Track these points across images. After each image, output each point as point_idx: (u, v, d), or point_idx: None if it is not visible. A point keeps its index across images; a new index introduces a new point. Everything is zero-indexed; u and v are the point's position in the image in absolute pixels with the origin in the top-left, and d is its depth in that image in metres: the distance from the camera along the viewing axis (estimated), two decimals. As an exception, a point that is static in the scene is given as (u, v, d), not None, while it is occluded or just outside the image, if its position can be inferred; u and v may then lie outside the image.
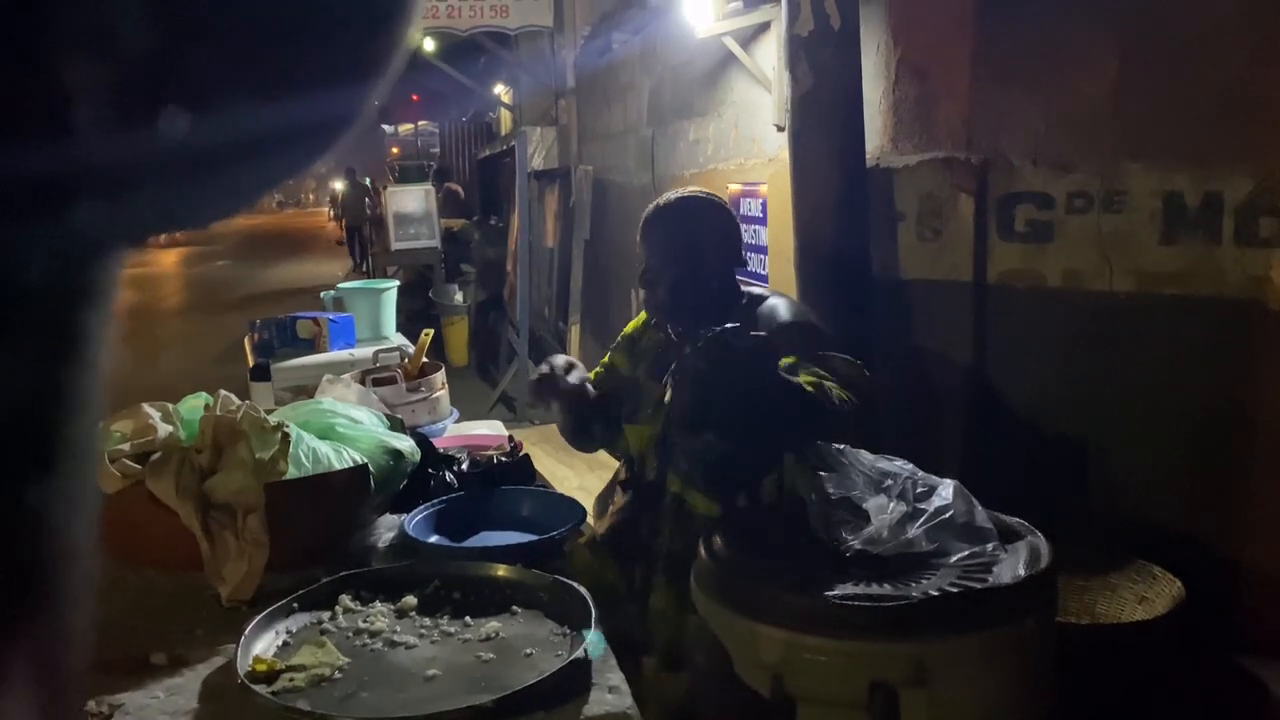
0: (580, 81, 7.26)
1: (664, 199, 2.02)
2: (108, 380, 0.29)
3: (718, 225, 2.00)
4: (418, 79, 14.66)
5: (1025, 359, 2.61)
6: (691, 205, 1.99)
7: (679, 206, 1.99)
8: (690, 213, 1.98)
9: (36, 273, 0.25)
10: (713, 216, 2.00)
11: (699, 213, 1.99)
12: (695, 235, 1.96)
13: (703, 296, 1.96)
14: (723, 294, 1.99)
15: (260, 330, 3.58)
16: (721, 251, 1.99)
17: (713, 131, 4.29)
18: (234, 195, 0.30)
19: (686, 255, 1.95)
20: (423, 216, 9.05)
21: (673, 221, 1.98)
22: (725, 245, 2.00)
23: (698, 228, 1.97)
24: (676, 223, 1.97)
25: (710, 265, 1.97)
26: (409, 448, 1.87)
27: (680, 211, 1.98)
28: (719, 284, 1.99)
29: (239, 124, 0.27)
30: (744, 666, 1.51)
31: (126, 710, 1.22)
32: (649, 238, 1.99)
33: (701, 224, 1.98)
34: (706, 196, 2.03)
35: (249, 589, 1.50)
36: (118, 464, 1.53)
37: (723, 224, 2.01)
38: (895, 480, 1.72)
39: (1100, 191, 2.39)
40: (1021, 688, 1.48)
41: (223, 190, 0.29)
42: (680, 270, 1.95)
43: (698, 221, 1.98)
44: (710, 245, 1.97)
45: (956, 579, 1.50)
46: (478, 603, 1.49)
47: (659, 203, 2.02)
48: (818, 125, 2.71)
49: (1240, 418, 2.22)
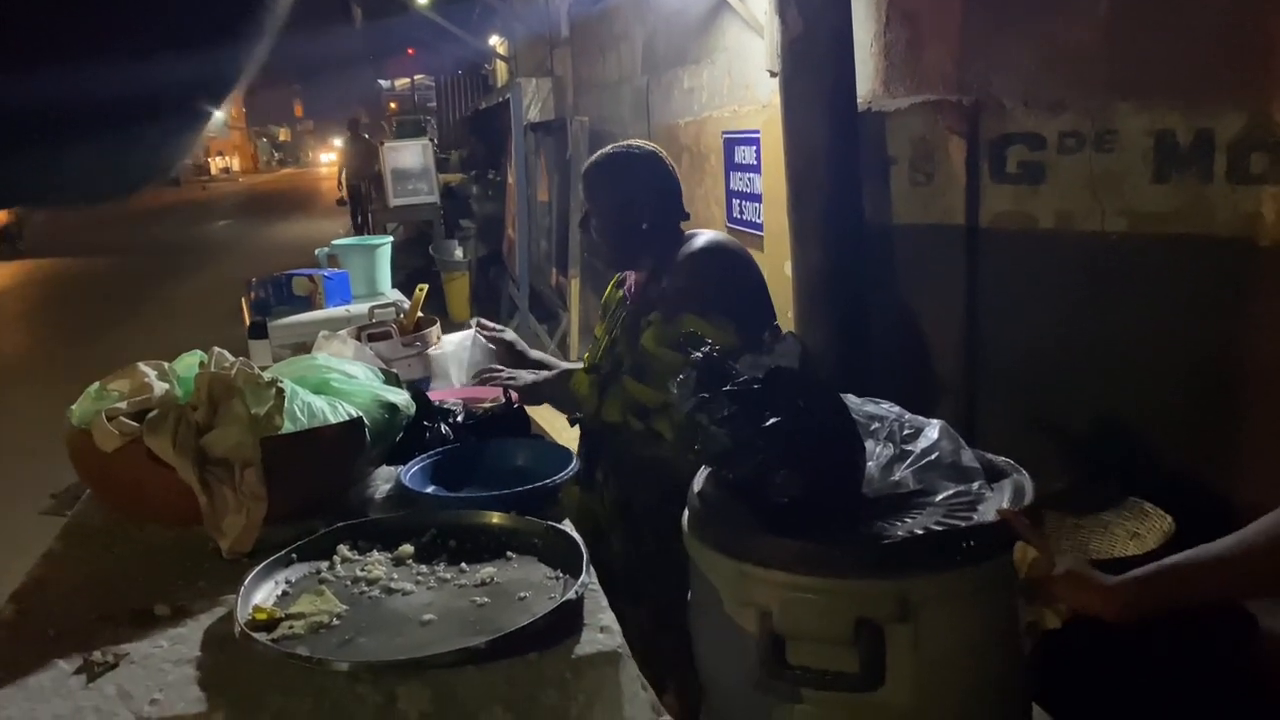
0: (575, 31, 7.18)
1: (602, 151, 2.26)
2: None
3: (643, 175, 2.20)
4: (412, 32, 14.51)
5: (1018, 301, 2.62)
6: (621, 158, 2.21)
7: (610, 158, 2.22)
8: (619, 164, 2.20)
9: None
10: (641, 167, 2.20)
11: (627, 164, 2.20)
12: (623, 185, 2.18)
13: (632, 240, 2.19)
14: (658, 239, 2.19)
15: (257, 289, 3.60)
16: (654, 201, 2.18)
17: (706, 79, 4.26)
18: (115, 169, 0.30)
19: (615, 203, 2.18)
20: (421, 172, 9.02)
21: (603, 173, 2.21)
22: (658, 196, 2.19)
23: (625, 177, 2.18)
24: (606, 174, 2.20)
25: (639, 212, 2.17)
26: (404, 401, 1.89)
27: (610, 163, 2.21)
28: (651, 230, 2.18)
29: (95, 88, 0.26)
30: (732, 605, 1.54)
31: (132, 659, 1.26)
32: (586, 189, 2.25)
33: (629, 174, 2.19)
34: (638, 150, 2.24)
35: (248, 541, 1.53)
36: (115, 422, 1.55)
37: (654, 176, 2.20)
38: (883, 423, 1.74)
39: (1092, 131, 2.38)
40: (1006, 623, 1.51)
41: (96, 163, 0.29)
42: (608, 216, 2.19)
43: (626, 172, 2.19)
44: (640, 196, 2.17)
45: (942, 517, 1.53)
46: (473, 549, 1.52)
47: (595, 156, 2.26)
48: (808, 70, 2.69)
49: (1232, 356, 2.23)
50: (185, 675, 1.22)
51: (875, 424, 1.74)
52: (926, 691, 1.47)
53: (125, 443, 1.53)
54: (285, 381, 1.66)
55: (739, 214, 3.85)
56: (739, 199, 3.84)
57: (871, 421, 1.74)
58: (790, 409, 1.55)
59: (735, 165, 3.84)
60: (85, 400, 1.66)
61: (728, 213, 3.98)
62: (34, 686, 1.20)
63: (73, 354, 7.40)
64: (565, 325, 6.85)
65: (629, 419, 2.05)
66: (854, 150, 2.73)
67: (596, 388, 2.13)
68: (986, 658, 1.51)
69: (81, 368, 2.25)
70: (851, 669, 1.46)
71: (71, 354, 7.41)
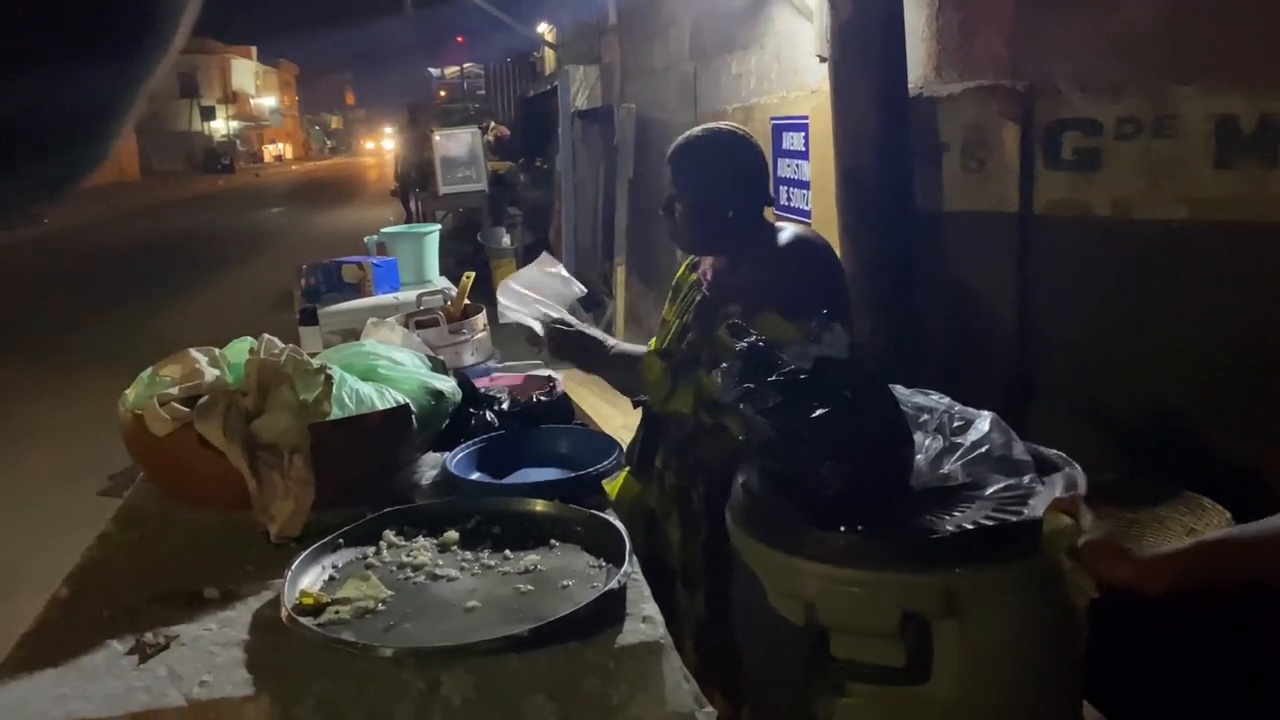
0: (623, 17, 7.16)
1: (691, 132, 2.11)
2: None
3: (737, 159, 2.07)
4: (462, 20, 14.56)
5: (1072, 290, 2.56)
6: (710, 140, 2.08)
7: (699, 139, 2.08)
8: (708, 147, 2.07)
9: None
10: (734, 150, 2.07)
11: (716, 147, 2.07)
12: (714, 168, 2.05)
13: (717, 226, 2.06)
14: (742, 226, 2.07)
15: (308, 275, 3.64)
16: (743, 186, 2.06)
17: (754, 65, 4.22)
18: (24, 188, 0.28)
19: (704, 187, 2.05)
20: (470, 160, 9.06)
21: (691, 155, 2.07)
22: (747, 180, 2.07)
23: (719, 162, 2.05)
24: (694, 156, 2.07)
25: (727, 197, 2.05)
26: (450, 388, 1.90)
27: (699, 145, 2.07)
28: (737, 216, 2.06)
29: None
30: (777, 597, 1.53)
31: (182, 641, 1.28)
32: (673, 169, 2.10)
33: (718, 157, 2.06)
34: (731, 131, 2.10)
35: (296, 526, 1.55)
36: (167, 407, 1.58)
37: (744, 158, 2.08)
38: (932, 415, 1.71)
39: (1150, 116, 2.32)
40: (1056, 620, 1.48)
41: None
42: (694, 200, 2.05)
43: (714, 155, 2.06)
44: (730, 179, 2.05)
45: (992, 511, 1.50)
46: (517, 537, 1.53)
47: (686, 136, 2.11)
48: (858, 55, 2.65)
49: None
50: (233, 658, 1.24)
51: (924, 415, 1.71)
52: (973, 686, 1.45)
53: (176, 428, 1.56)
54: (333, 368, 1.68)
55: (786, 201, 3.81)
56: (787, 185, 3.81)
57: (920, 413, 1.71)
58: (837, 400, 1.53)
59: (783, 151, 3.80)
60: (138, 385, 1.69)
61: (775, 199, 3.94)
62: (88, 666, 1.23)
63: (129, 338, 7.56)
64: (611, 313, 6.85)
65: (699, 413, 1.92)
66: (904, 136, 2.68)
67: (669, 375, 1.99)
68: (1036, 653, 1.49)
69: (137, 352, 2.29)
70: (897, 662, 1.44)
71: (127, 338, 7.57)
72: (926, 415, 1.71)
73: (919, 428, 1.68)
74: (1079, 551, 1.31)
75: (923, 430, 1.68)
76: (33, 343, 7.66)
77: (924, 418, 1.70)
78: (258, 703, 1.16)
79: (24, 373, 6.70)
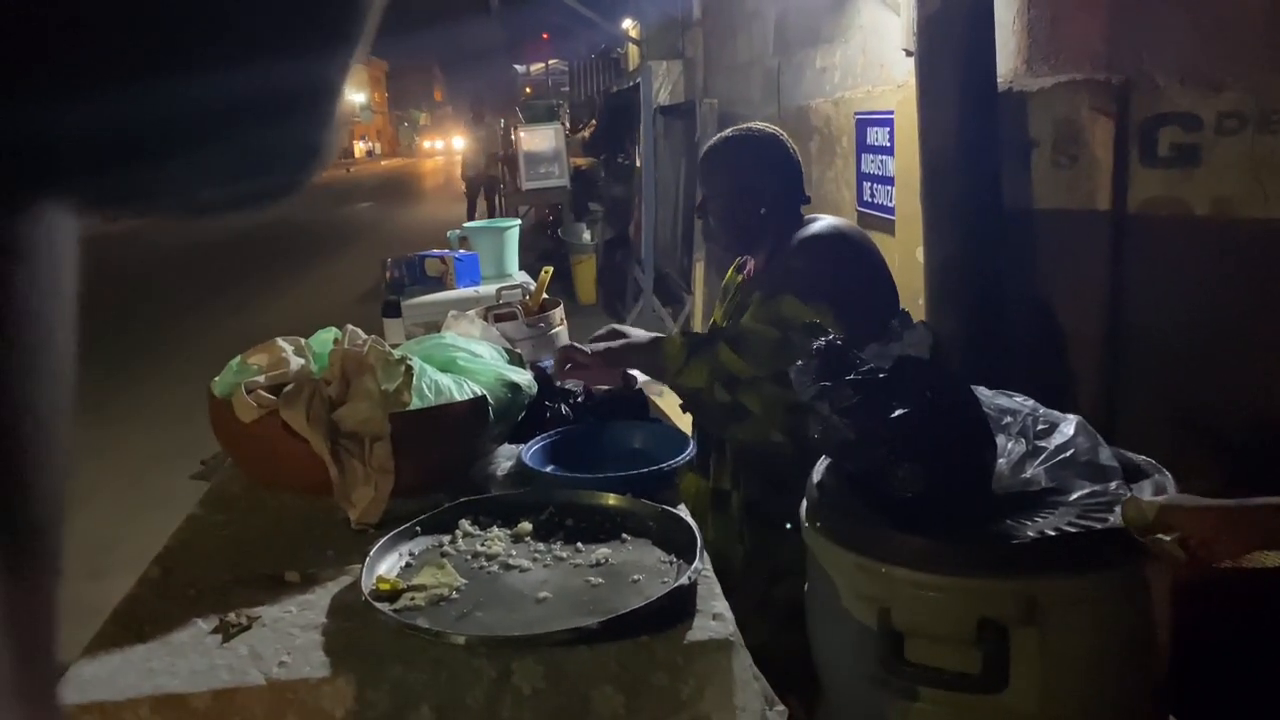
0: (706, 12, 7.13)
1: (718, 136, 2.18)
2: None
3: (762, 158, 2.12)
4: (547, 16, 14.69)
5: (1168, 292, 2.47)
6: (738, 141, 2.14)
7: (727, 141, 2.14)
8: (737, 148, 2.13)
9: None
10: (759, 151, 2.12)
11: (745, 148, 2.13)
12: (741, 169, 2.11)
13: (751, 225, 2.12)
14: (777, 224, 2.12)
15: (392, 268, 3.71)
16: (773, 186, 2.11)
17: (839, 58, 4.16)
18: (207, 178, 0.29)
19: (733, 186, 2.11)
20: (553, 156, 9.14)
21: (720, 157, 2.14)
22: (778, 179, 2.12)
23: (745, 161, 2.11)
24: (723, 158, 2.13)
25: (759, 195, 2.10)
26: (527, 381, 1.91)
27: (727, 147, 2.14)
28: (770, 214, 2.11)
29: (168, 96, 0.25)
30: (850, 599, 1.51)
31: (263, 622, 1.32)
32: (702, 171, 2.17)
33: (747, 158, 2.11)
34: (757, 132, 2.16)
35: (376, 513, 1.58)
36: (254, 395, 1.63)
37: (774, 155, 2.13)
38: (1015, 417, 1.67)
39: (1255, 111, 2.22)
40: (1141, 631, 1.43)
41: (190, 171, 0.28)
42: (725, 201, 2.12)
43: (744, 156, 2.12)
44: (758, 175, 2.10)
45: (1075, 518, 1.46)
46: (589, 530, 1.54)
47: (715, 138, 2.18)
48: (945, 48, 2.59)
49: None
50: (312, 640, 1.27)
51: (1007, 418, 1.67)
52: (1052, 697, 1.41)
53: (262, 414, 1.60)
54: (414, 359, 1.71)
55: (870, 197, 3.75)
56: (870, 182, 3.75)
57: (1003, 415, 1.67)
58: (917, 401, 1.50)
59: (867, 147, 3.75)
60: (227, 373, 1.75)
61: (858, 196, 3.89)
62: (175, 642, 1.28)
63: (223, 328, 7.81)
64: (689, 308, 6.84)
65: (715, 387, 1.94)
66: (993, 132, 2.62)
67: (685, 349, 2.00)
68: (1117, 665, 1.44)
69: (231, 341, 2.37)
70: (973, 670, 1.41)
71: (222, 327, 7.83)
72: (1010, 418, 1.67)
73: (1001, 430, 1.64)
74: (1162, 515, 1.30)
75: (1005, 433, 1.64)
76: (135, 331, 7.97)
77: (1007, 420, 1.66)
78: (334, 685, 1.19)
79: (125, 359, 6.97)
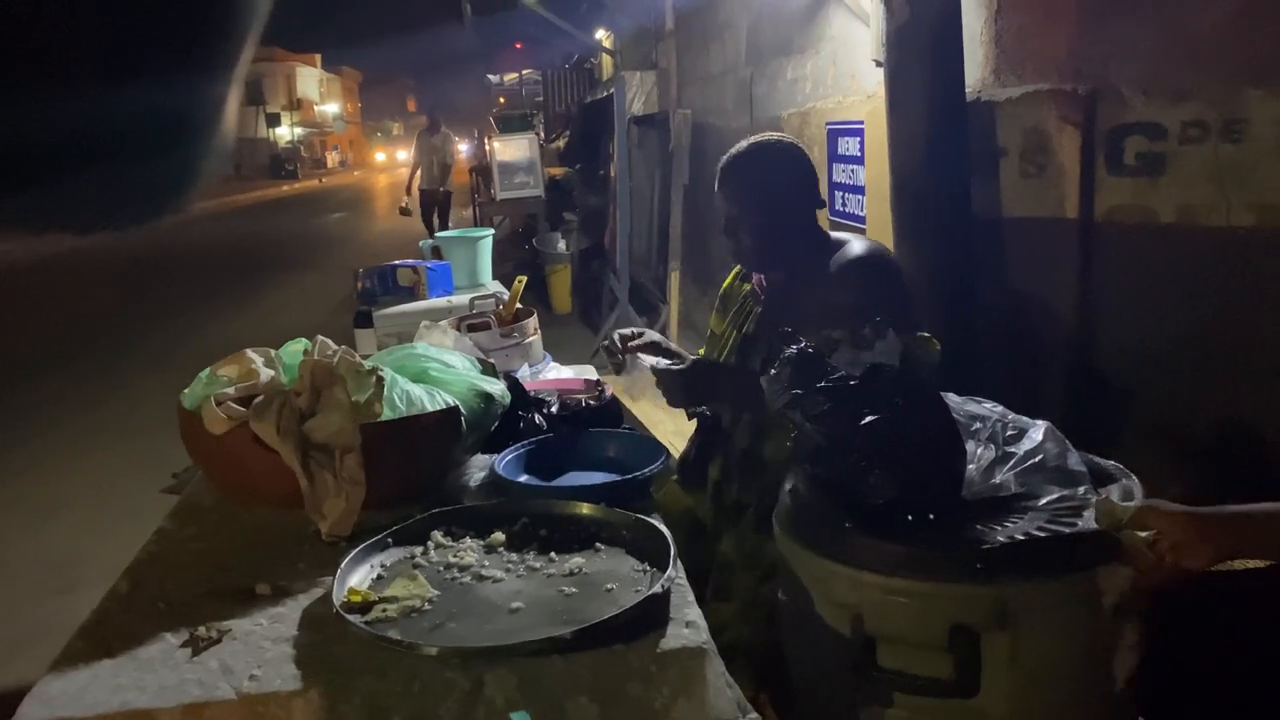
0: (679, 22, 7.17)
1: (738, 147, 2.05)
2: None
3: (793, 168, 2.02)
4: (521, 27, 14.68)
5: (1134, 299, 2.50)
6: (765, 150, 2.02)
7: (754, 153, 2.02)
8: (765, 158, 2.01)
9: None
10: (788, 160, 2.02)
11: (774, 158, 2.01)
12: (772, 180, 1.99)
13: (784, 240, 2.00)
14: (804, 237, 2.02)
15: (364, 278, 3.69)
16: (799, 194, 2.02)
17: (811, 69, 4.20)
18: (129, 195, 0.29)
19: (765, 201, 1.99)
20: (528, 165, 9.14)
21: (749, 168, 2.00)
22: (802, 188, 2.02)
23: (774, 173, 2.00)
24: (753, 169, 2.00)
25: (789, 209, 2.00)
26: (500, 391, 1.91)
27: (755, 157, 2.01)
28: (800, 227, 2.02)
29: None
30: (823, 605, 1.51)
31: (234, 635, 1.31)
32: (727, 186, 2.02)
33: (777, 168, 2.00)
34: (779, 141, 2.05)
35: (347, 525, 1.58)
36: (223, 407, 1.61)
37: (798, 167, 2.03)
38: (985, 423, 1.68)
39: (1218, 120, 2.26)
40: (1109, 635, 1.44)
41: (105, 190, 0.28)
42: (761, 216, 1.99)
43: (773, 166, 2.00)
44: (787, 189, 1.99)
45: (1045, 523, 1.47)
46: (563, 539, 1.54)
47: (734, 151, 2.05)
48: (915, 58, 2.62)
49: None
50: (283, 653, 1.26)
51: (977, 424, 1.68)
52: (1023, 701, 1.41)
53: (232, 427, 1.59)
54: (385, 370, 1.70)
55: (841, 206, 3.78)
56: (842, 191, 3.78)
57: (973, 421, 1.68)
58: (888, 407, 1.51)
59: (838, 157, 3.78)
60: (197, 385, 1.73)
61: (830, 205, 3.91)
62: (144, 657, 1.26)
63: (196, 339, 7.74)
64: (665, 318, 6.85)
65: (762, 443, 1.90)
66: (961, 141, 2.65)
67: None
68: (1089, 670, 1.45)
69: (203, 352, 2.35)
70: (945, 675, 1.42)
71: (194, 339, 7.75)
72: (979, 424, 1.68)
73: (971, 436, 1.65)
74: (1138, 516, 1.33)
75: (975, 439, 1.65)
76: (106, 341, 7.88)
77: (976, 426, 1.67)
78: (306, 698, 1.18)
79: (96, 370, 6.89)
